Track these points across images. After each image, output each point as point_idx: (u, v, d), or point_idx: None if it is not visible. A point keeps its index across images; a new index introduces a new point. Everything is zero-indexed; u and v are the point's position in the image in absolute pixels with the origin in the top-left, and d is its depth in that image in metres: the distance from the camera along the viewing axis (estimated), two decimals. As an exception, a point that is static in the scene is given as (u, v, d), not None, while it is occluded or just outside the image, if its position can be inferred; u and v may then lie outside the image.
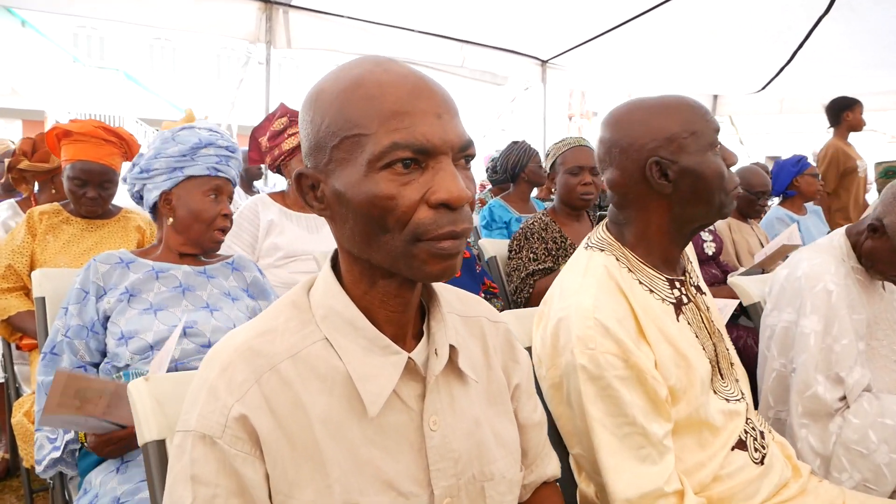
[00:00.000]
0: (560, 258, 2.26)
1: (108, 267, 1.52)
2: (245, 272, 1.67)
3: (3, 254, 2.09)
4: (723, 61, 6.62)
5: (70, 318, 1.46)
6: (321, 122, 0.71)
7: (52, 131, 2.13)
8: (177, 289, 1.54)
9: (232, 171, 1.57)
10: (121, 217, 2.29)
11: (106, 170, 2.14)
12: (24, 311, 2.03)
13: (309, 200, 0.75)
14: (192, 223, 1.53)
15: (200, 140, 1.54)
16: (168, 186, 1.55)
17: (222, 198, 1.56)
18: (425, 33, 5.60)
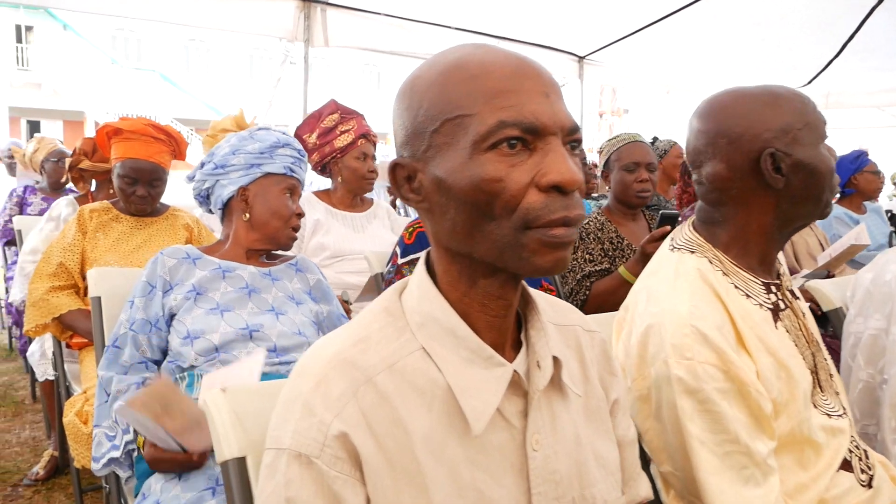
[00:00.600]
0: (617, 259, 2.17)
1: (174, 262, 1.49)
2: (308, 274, 1.63)
3: (54, 252, 2.08)
4: (766, 55, 6.44)
5: (135, 311, 1.44)
6: (419, 108, 0.66)
7: (103, 129, 2.11)
8: (243, 290, 1.50)
9: (303, 174, 1.58)
10: (168, 215, 2.27)
11: (155, 168, 2.12)
12: (75, 310, 2.02)
13: (404, 193, 0.70)
14: (270, 219, 1.52)
15: (279, 140, 1.55)
16: (246, 182, 1.52)
17: (295, 197, 1.56)
18: (463, 30, 5.56)
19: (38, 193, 3.73)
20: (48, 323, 2.03)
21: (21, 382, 3.39)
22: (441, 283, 0.71)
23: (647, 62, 6.89)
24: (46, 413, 2.66)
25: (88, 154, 2.73)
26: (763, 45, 6.03)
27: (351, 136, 2.44)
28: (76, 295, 2.08)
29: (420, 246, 1.80)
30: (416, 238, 1.81)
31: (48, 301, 2.02)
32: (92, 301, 1.58)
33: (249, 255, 1.57)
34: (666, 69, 7.22)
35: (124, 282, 1.59)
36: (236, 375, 1.23)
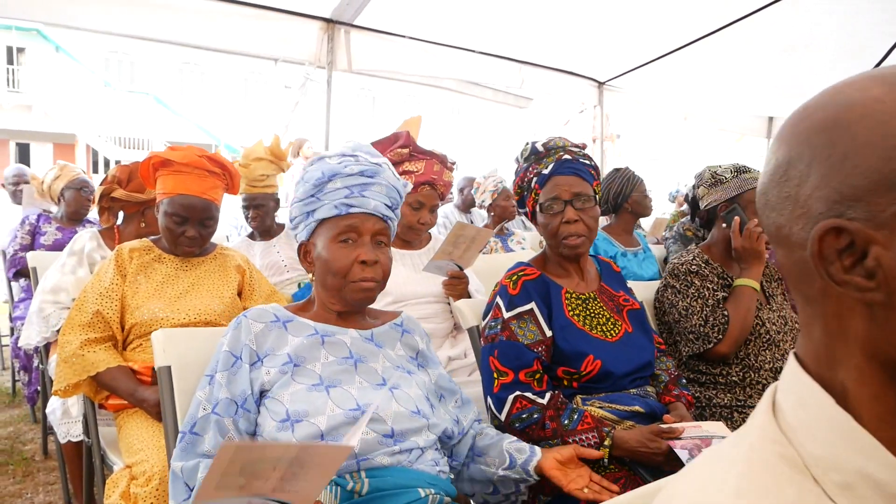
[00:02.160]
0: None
1: (262, 326, 1.25)
2: (416, 337, 1.38)
3: (89, 298, 1.81)
4: (792, 83, 6.35)
5: (217, 389, 1.18)
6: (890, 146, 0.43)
7: (149, 160, 1.86)
8: (347, 360, 1.25)
9: (373, 200, 1.28)
10: (217, 254, 2.00)
11: (208, 205, 1.86)
12: (114, 367, 1.74)
13: (835, 272, 0.47)
14: (326, 276, 1.28)
15: (324, 173, 1.28)
16: (305, 236, 1.32)
17: (362, 239, 1.27)
18: (487, 54, 5.46)
19: (52, 223, 3.44)
20: (81, 382, 1.75)
21: (29, 434, 3.07)
22: (865, 414, 0.47)
23: (666, 89, 6.83)
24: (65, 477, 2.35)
25: (123, 183, 2.48)
26: (790, 71, 5.96)
27: (412, 179, 2.20)
28: (114, 349, 1.81)
29: (527, 297, 1.55)
30: (523, 288, 1.57)
31: (83, 357, 1.74)
32: (160, 372, 1.30)
33: (342, 316, 1.32)
34: (684, 96, 7.15)
35: (195, 346, 1.33)
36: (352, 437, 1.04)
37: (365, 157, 1.30)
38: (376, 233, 1.27)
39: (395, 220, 1.33)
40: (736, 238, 1.89)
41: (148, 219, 2.54)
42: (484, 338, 1.61)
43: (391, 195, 1.31)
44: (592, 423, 1.44)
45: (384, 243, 1.30)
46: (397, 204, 1.33)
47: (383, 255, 1.28)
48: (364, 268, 1.24)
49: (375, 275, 1.25)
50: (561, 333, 1.55)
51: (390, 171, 1.33)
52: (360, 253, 1.24)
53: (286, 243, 3.05)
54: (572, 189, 1.58)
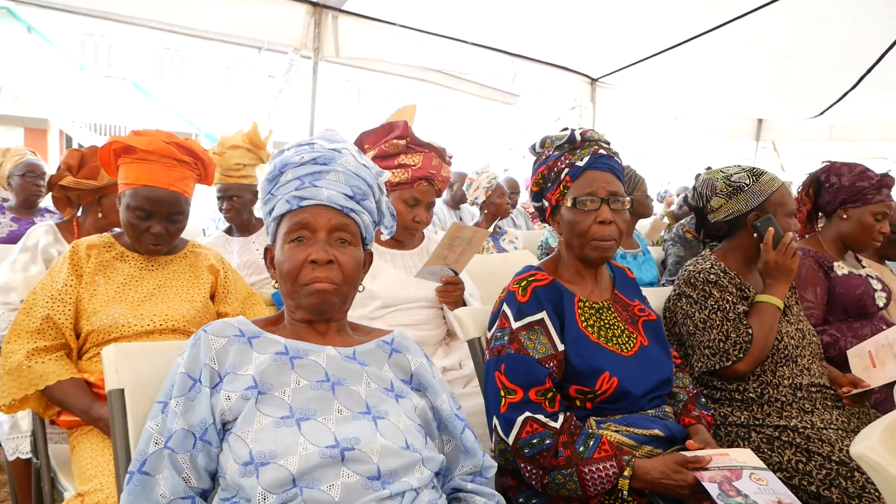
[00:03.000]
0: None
1: (223, 342, 1.07)
2: (409, 356, 1.19)
3: (38, 301, 1.59)
4: (783, 84, 6.32)
5: (172, 418, 1.00)
6: None
7: (109, 146, 1.64)
8: (322, 384, 1.06)
9: (326, 190, 1.11)
10: (188, 252, 1.80)
11: (176, 198, 1.66)
12: (66, 381, 1.53)
13: None
14: (281, 280, 1.13)
15: (275, 166, 1.14)
16: (270, 238, 1.18)
17: (316, 237, 1.10)
18: (480, 46, 5.31)
19: (6, 213, 3.18)
20: (29, 396, 1.54)
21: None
22: None
23: (659, 87, 6.77)
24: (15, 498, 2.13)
25: (73, 169, 2.26)
26: (785, 73, 5.92)
27: (408, 173, 2.01)
28: (66, 359, 1.59)
29: (538, 306, 1.38)
30: (533, 295, 1.39)
31: (30, 368, 1.53)
32: (110, 396, 1.10)
33: (318, 330, 1.14)
34: (677, 95, 7.09)
35: (154, 363, 1.13)
36: None
37: (322, 143, 1.16)
38: (334, 228, 1.11)
39: (364, 214, 1.16)
40: (768, 251, 1.73)
41: (105, 208, 2.32)
42: (489, 350, 1.43)
43: (353, 183, 1.14)
44: (610, 451, 1.28)
45: (347, 241, 1.13)
46: (364, 194, 1.16)
47: (343, 254, 1.11)
48: (315, 268, 1.08)
49: (331, 275, 1.09)
50: (574, 347, 1.38)
51: (354, 157, 1.16)
52: (311, 251, 1.08)
53: (266, 240, 2.83)
54: (609, 187, 1.43)
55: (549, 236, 4.13)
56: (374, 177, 1.19)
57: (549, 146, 1.53)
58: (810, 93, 6.37)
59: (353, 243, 1.13)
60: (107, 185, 2.29)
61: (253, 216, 2.89)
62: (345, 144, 1.17)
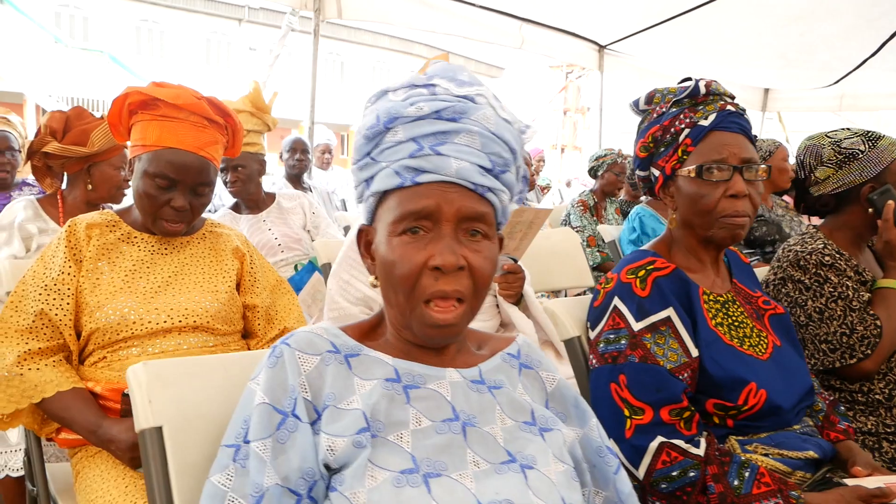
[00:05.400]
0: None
1: (316, 361, 0.78)
2: (542, 371, 0.90)
3: (29, 293, 1.30)
4: (799, 52, 6.11)
5: (256, 469, 0.71)
6: None
7: (123, 99, 1.34)
8: (451, 424, 0.78)
9: (456, 160, 0.78)
10: (207, 232, 1.50)
11: (206, 166, 1.36)
12: (66, 392, 1.24)
13: None
14: (388, 288, 0.82)
15: (378, 118, 0.82)
16: (365, 218, 0.87)
17: (439, 230, 0.78)
18: (486, 8, 5.03)
19: (-23, 189, 2.83)
20: (21, 410, 1.25)
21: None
22: None
23: (668, 55, 6.54)
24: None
25: (58, 134, 1.96)
26: (799, 40, 5.71)
27: None
28: (66, 364, 1.30)
29: (663, 301, 1.12)
30: (655, 288, 1.13)
31: (22, 377, 1.24)
32: (144, 438, 0.79)
33: (423, 349, 0.84)
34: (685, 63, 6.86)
35: (197, 388, 0.84)
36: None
37: (447, 86, 0.81)
38: (466, 217, 0.78)
39: (503, 193, 0.82)
40: (889, 229, 1.47)
41: (95, 179, 2.02)
42: (597, 355, 1.16)
43: (492, 150, 0.79)
44: (773, 485, 1.01)
45: (481, 233, 0.80)
46: (506, 164, 0.81)
47: (476, 254, 0.78)
48: (439, 277, 0.76)
49: (460, 288, 0.77)
50: (707, 352, 1.12)
51: (493, 108, 0.81)
52: (434, 252, 0.77)
53: (278, 217, 2.54)
54: (742, 153, 1.16)
55: (571, 212, 3.87)
56: (517, 136, 0.83)
57: (661, 101, 1.25)
58: (823, 61, 6.15)
59: (488, 236, 0.80)
60: (97, 153, 1.99)
61: (262, 190, 2.59)
62: (479, 89, 0.81)
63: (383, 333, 0.86)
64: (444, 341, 0.82)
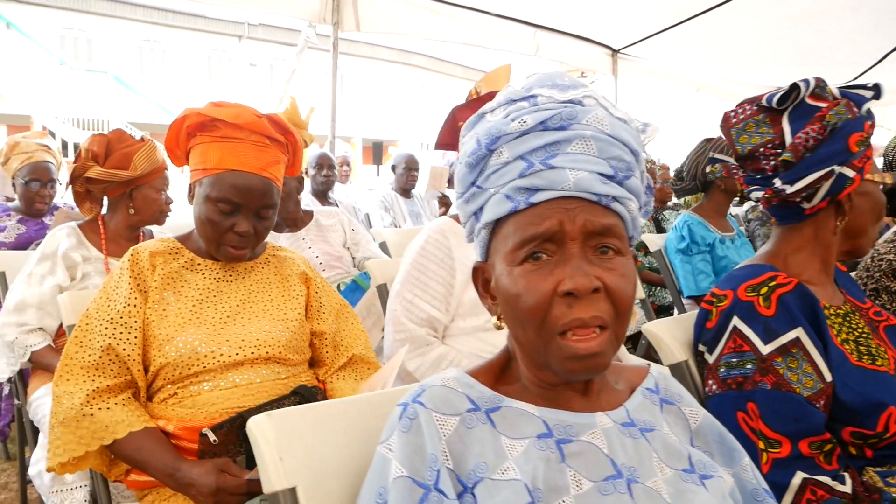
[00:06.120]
0: None
1: (455, 423, 0.69)
2: (684, 407, 0.82)
3: (94, 327, 1.23)
4: (817, 50, 6.06)
5: None
6: None
7: (182, 122, 1.28)
8: (614, 482, 0.69)
9: (570, 172, 0.70)
10: (270, 256, 1.44)
11: (270, 187, 1.30)
12: (139, 432, 1.17)
13: None
14: (515, 326, 0.74)
15: (479, 142, 0.74)
16: (479, 254, 0.79)
17: (565, 251, 0.69)
18: (501, 17, 5.03)
19: (12, 215, 2.77)
20: (91, 451, 1.18)
21: (2, 479, 2.46)
22: None
23: (682, 57, 6.49)
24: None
25: (100, 158, 1.90)
26: (817, 37, 5.65)
27: None
28: (135, 402, 1.24)
29: (790, 320, 1.04)
30: (781, 306, 1.05)
31: (92, 417, 1.17)
32: (275, 500, 0.71)
33: (579, 388, 0.76)
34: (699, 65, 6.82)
35: (326, 438, 0.77)
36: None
37: (548, 94, 0.73)
38: (592, 232, 0.69)
39: (630, 201, 0.73)
40: None
41: (137, 203, 1.97)
42: (717, 380, 1.08)
43: (611, 154, 0.71)
44: None
45: (613, 249, 0.70)
46: (629, 168, 0.72)
47: (611, 273, 0.69)
48: (574, 303, 0.67)
49: (600, 313, 0.67)
50: (837, 374, 1.04)
51: (605, 108, 0.73)
52: (563, 276, 0.68)
53: (318, 235, 2.47)
54: None
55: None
56: (636, 136, 0.74)
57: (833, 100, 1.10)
58: (842, 57, 6.08)
59: (620, 251, 0.71)
60: (140, 176, 1.94)
61: (300, 208, 2.53)
62: (585, 90, 0.73)
63: (517, 377, 0.77)
64: (590, 375, 0.71)
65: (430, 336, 1.61)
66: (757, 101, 1.15)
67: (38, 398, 1.80)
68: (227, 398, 1.23)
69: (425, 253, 1.63)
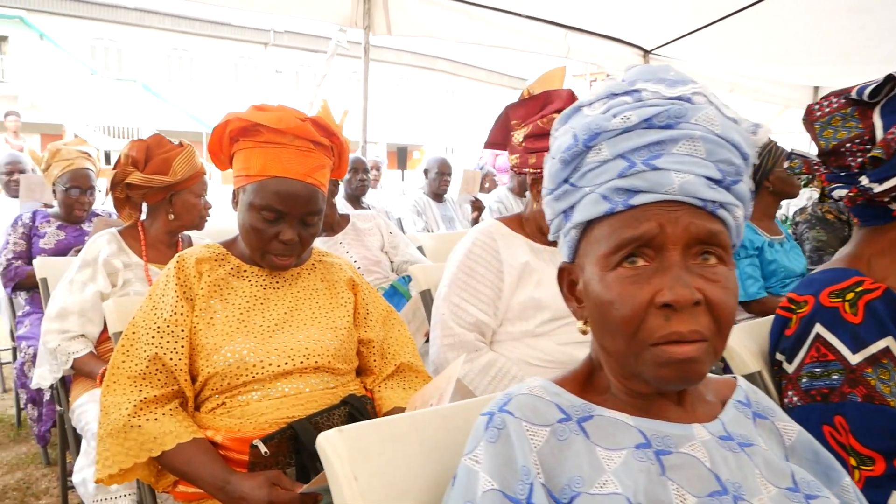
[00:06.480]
0: None
1: (546, 433, 0.65)
2: (777, 421, 0.76)
3: (140, 335, 1.21)
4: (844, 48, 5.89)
5: None
6: None
7: (224, 127, 1.25)
8: (721, 497, 0.63)
9: (676, 175, 0.65)
10: (316, 262, 1.40)
11: (314, 194, 1.26)
12: (187, 444, 1.14)
13: None
14: (603, 333, 0.69)
15: (576, 137, 0.69)
16: (566, 254, 0.74)
17: (665, 258, 0.65)
18: (533, 18, 4.97)
19: (51, 221, 2.78)
20: (139, 463, 1.15)
21: (42, 483, 2.47)
22: None
23: (715, 57, 6.37)
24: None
25: (139, 163, 1.89)
26: (859, 33, 5.47)
27: None
28: (183, 412, 1.21)
29: (880, 328, 0.97)
30: (868, 312, 0.98)
31: (140, 429, 1.15)
32: None
33: (673, 398, 0.71)
34: (733, 65, 6.68)
35: (393, 456, 0.72)
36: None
37: (654, 89, 0.67)
38: (696, 240, 0.64)
39: (738, 209, 0.68)
40: None
41: (177, 208, 1.95)
42: (801, 392, 1.02)
43: (720, 156, 0.65)
44: None
45: (718, 258, 0.66)
46: (738, 172, 0.67)
47: (713, 284, 0.64)
48: (671, 316, 0.62)
49: (699, 326, 0.62)
50: None
51: (716, 107, 0.67)
52: (661, 286, 0.63)
53: (355, 239, 2.44)
54: None
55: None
56: (747, 138, 0.68)
57: None
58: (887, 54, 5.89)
59: (724, 261, 0.66)
60: (180, 181, 1.92)
61: (336, 211, 2.50)
62: (695, 86, 0.68)
63: (605, 385, 0.72)
64: (685, 384, 0.66)
65: (478, 341, 1.57)
66: (845, 93, 1.08)
67: (80, 405, 1.79)
68: (276, 408, 1.20)
69: (472, 256, 1.58)
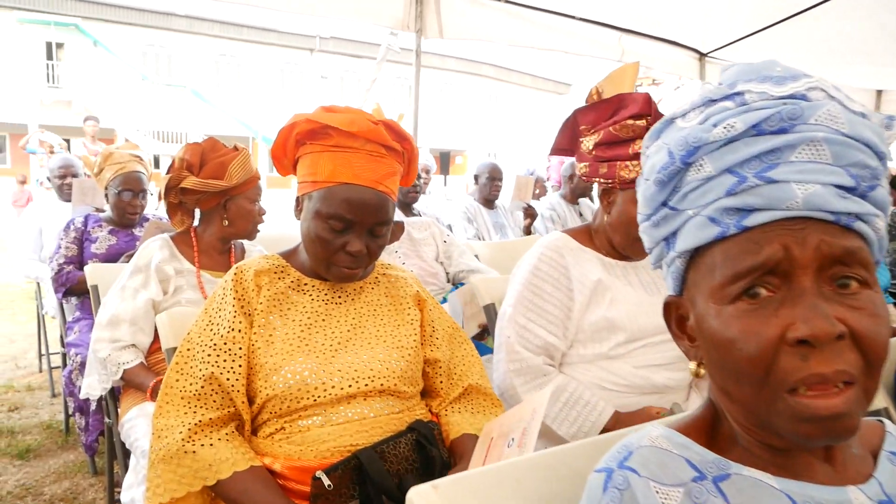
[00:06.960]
0: None
1: (679, 496, 0.56)
2: None
3: (196, 353, 1.13)
4: None
5: None
6: None
7: (291, 129, 1.17)
8: None
9: (797, 187, 0.54)
10: (380, 276, 1.31)
11: (385, 202, 1.17)
12: (244, 472, 1.05)
13: None
14: (725, 377, 0.58)
15: (672, 154, 0.60)
16: (673, 287, 0.65)
17: (794, 285, 0.54)
18: (586, 20, 4.86)
19: (103, 225, 2.76)
20: (192, 493, 1.07)
21: (90, 494, 2.44)
22: None
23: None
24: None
25: (195, 168, 1.83)
26: None
27: None
28: (240, 437, 1.12)
29: None
30: None
31: (195, 455, 1.06)
32: None
33: (820, 454, 0.60)
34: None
35: None
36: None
37: (760, 89, 0.57)
38: (831, 260, 0.54)
39: (878, 219, 0.56)
40: None
41: (231, 214, 1.89)
42: None
43: (852, 159, 0.54)
44: None
45: (857, 279, 0.54)
46: (874, 175, 0.56)
47: (856, 312, 0.53)
48: (810, 355, 0.52)
49: (847, 366, 0.51)
50: None
51: (840, 102, 0.56)
52: (794, 321, 0.52)
53: (411, 249, 2.35)
54: None
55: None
56: (881, 133, 0.57)
57: None
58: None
59: (867, 283, 0.55)
60: (235, 186, 1.86)
61: (391, 220, 2.41)
62: (809, 80, 0.57)
63: (733, 437, 0.61)
64: (832, 441, 0.55)
65: (546, 365, 1.45)
66: None
67: (129, 420, 1.73)
68: (339, 434, 1.10)
69: (539, 273, 1.46)
